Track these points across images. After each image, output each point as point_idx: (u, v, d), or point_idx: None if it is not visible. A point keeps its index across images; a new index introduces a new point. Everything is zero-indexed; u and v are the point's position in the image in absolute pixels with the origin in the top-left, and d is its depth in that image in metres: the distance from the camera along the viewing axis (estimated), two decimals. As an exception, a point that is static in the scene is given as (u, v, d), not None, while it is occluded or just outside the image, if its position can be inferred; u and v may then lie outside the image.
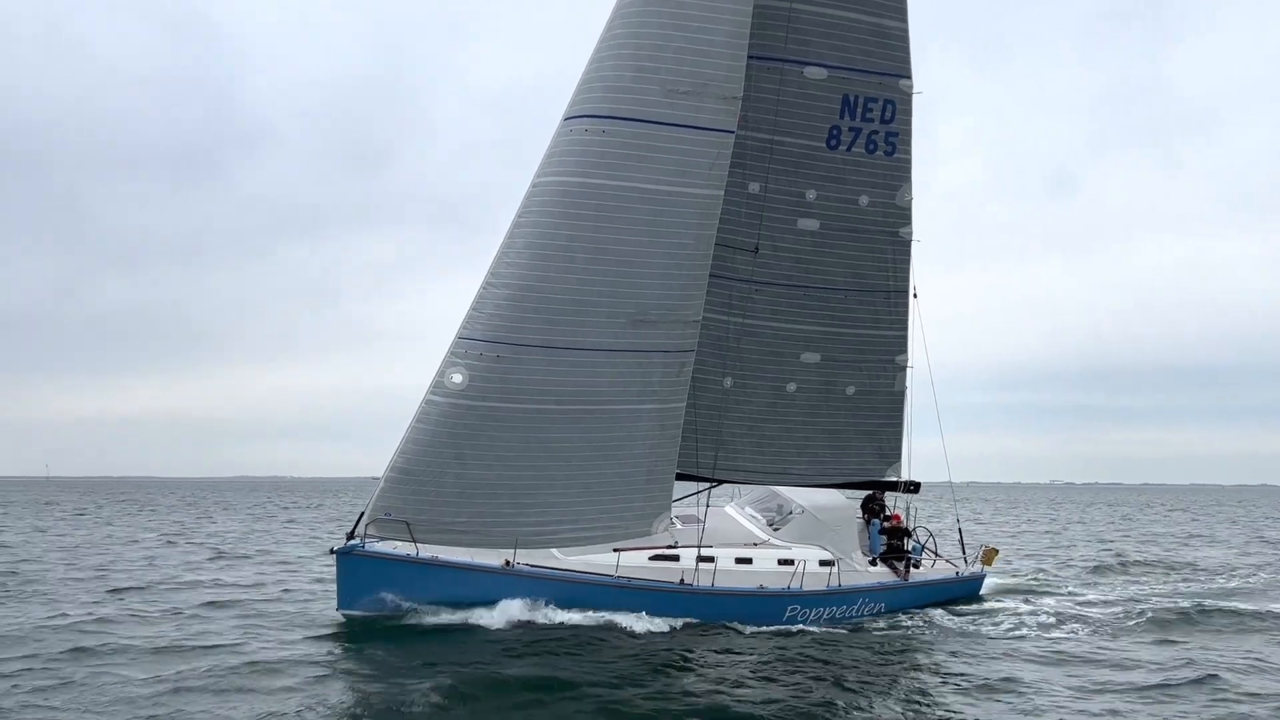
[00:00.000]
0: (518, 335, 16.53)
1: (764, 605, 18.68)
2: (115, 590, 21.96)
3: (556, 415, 16.94)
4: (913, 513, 23.36)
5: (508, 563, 17.65)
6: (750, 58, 17.39)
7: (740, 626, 17.94)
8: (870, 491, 22.26)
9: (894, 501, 22.74)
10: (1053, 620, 19.42)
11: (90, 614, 18.41)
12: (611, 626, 16.93)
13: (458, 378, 16.65)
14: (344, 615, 17.34)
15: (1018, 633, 18.27)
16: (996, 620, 19.36)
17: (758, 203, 18.41)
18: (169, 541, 38.00)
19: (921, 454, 22.92)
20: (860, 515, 22.90)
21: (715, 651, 15.90)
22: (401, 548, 17.25)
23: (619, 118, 16.23)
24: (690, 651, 15.80)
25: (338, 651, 15.33)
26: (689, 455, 19.22)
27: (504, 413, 16.74)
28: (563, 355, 16.71)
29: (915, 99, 18.74)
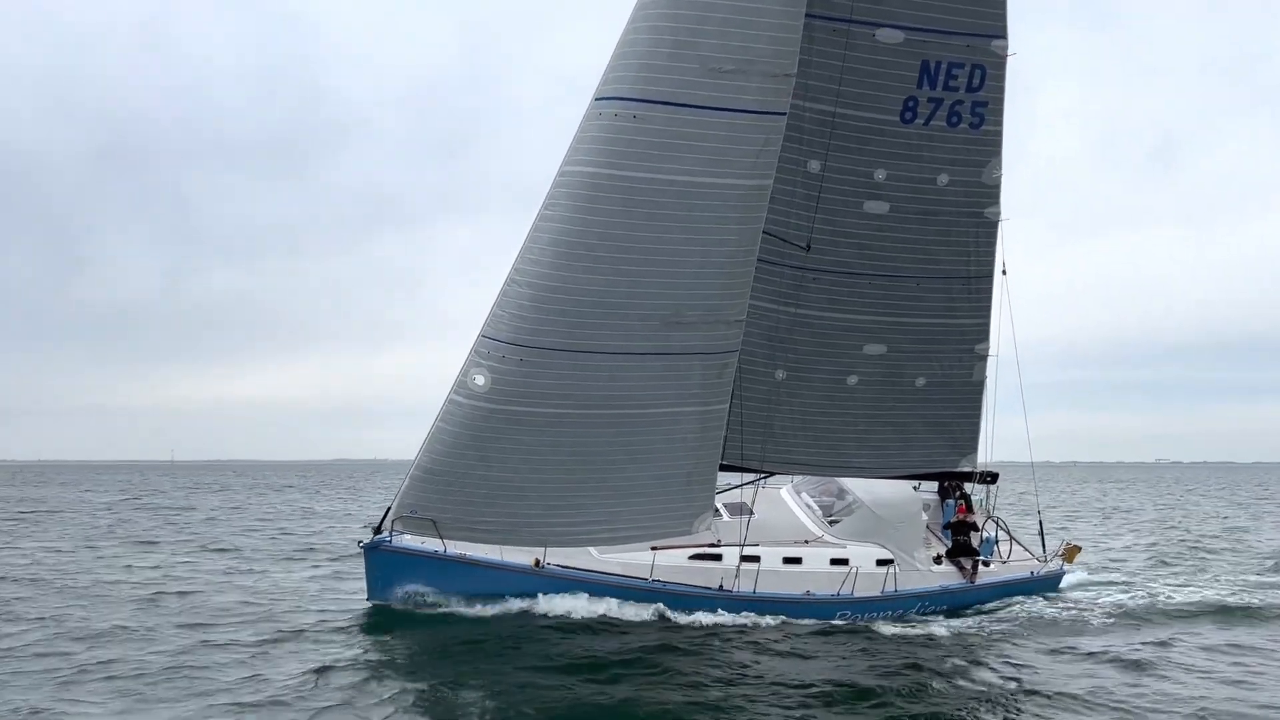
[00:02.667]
0: (542, 339, 15.32)
1: (810, 613, 17.59)
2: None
3: (584, 419, 15.84)
4: (991, 495, 21.65)
5: (538, 562, 17.03)
6: (811, 17, 15.12)
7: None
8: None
9: (970, 491, 21.11)
10: (1128, 619, 17.92)
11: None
12: (642, 620, 16.36)
13: (480, 379, 15.66)
14: (373, 605, 17.18)
15: (1083, 630, 16.92)
16: (1063, 615, 17.99)
17: (817, 183, 16.35)
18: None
19: (1012, 436, 21.17)
20: (936, 495, 21.45)
21: (749, 645, 15.18)
22: (430, 542, 16.82)
23: (652, 100, 14.35)
24: (726, 644, 15.14)
25: (362, 640, 15.34)
26: (740, 447, 17.96)
27: (528, 416, 15.73)
28: (590, 359, 15.45)
29: (1009, 61, 16.07)
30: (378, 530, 16.90)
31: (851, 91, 15.82)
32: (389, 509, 16.81)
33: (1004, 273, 18.50)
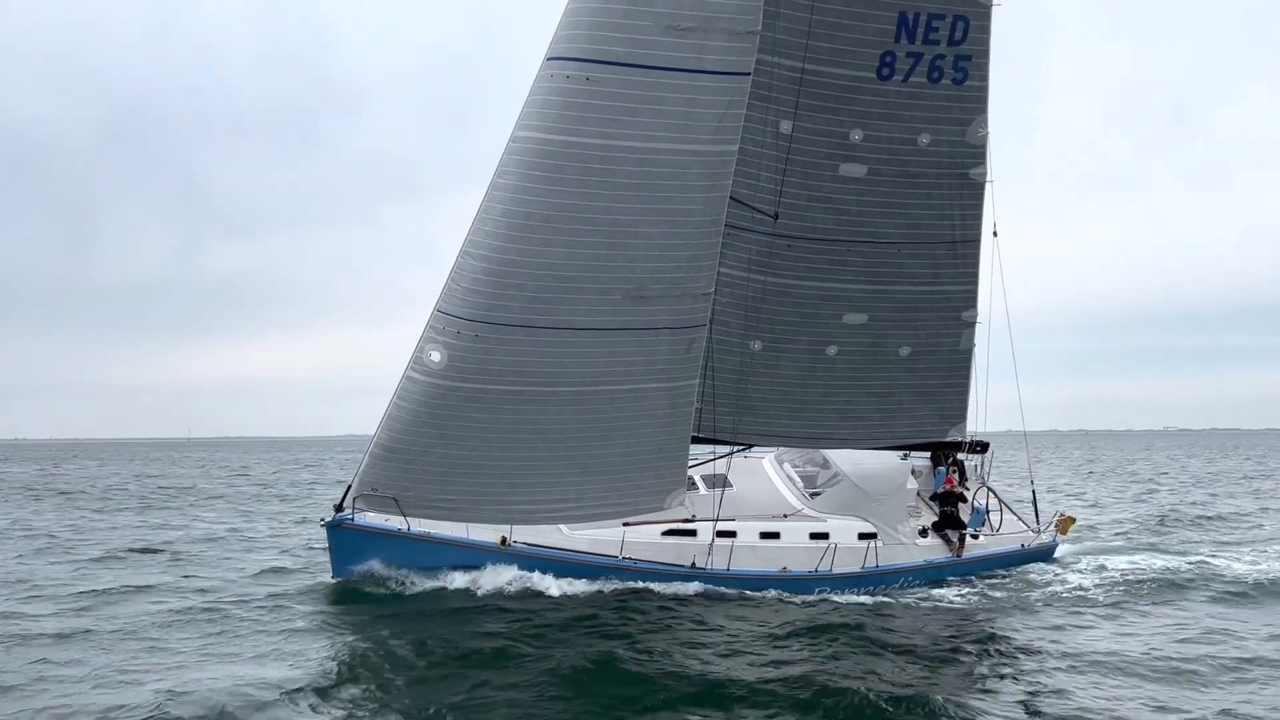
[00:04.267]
0: (498, 314, 14.67)
1: (787, 590, 17.07)
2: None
3: (546, 397, 15.26)
4: (985, 464, 20.98)
5: (504, 540, 16.61)
6: None
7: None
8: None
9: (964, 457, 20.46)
10: (1117, 585, 17.42)
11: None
12: (609, 593, 15.95)
13: (436, 356, 15.08)
14: (339, 582, 16.87)
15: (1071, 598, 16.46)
16: (1055, 586, 17.47)
17: (789, 145, 15.42)
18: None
19: (1019, 404, 20.46)
20: (929, 461, 20.83)
21: (719, 620, 14.76)
22: (394, 519, 16.43)
23: (606, 62, 13.48)
24: (698, 620, 14.71)
25: (329, 615, 15.13)
26: (715, 419, 17.36)
27: (487, 394, 15.16)
28: (550, 335, 14.81)
29: (997, 12, 14.98)
30: (339, 508, 16.52)
31: (823, 46, 14.82)
32: (349, 486, 16.41)
33: (995, 234, 17.61)
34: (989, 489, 20.63)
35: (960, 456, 20.50)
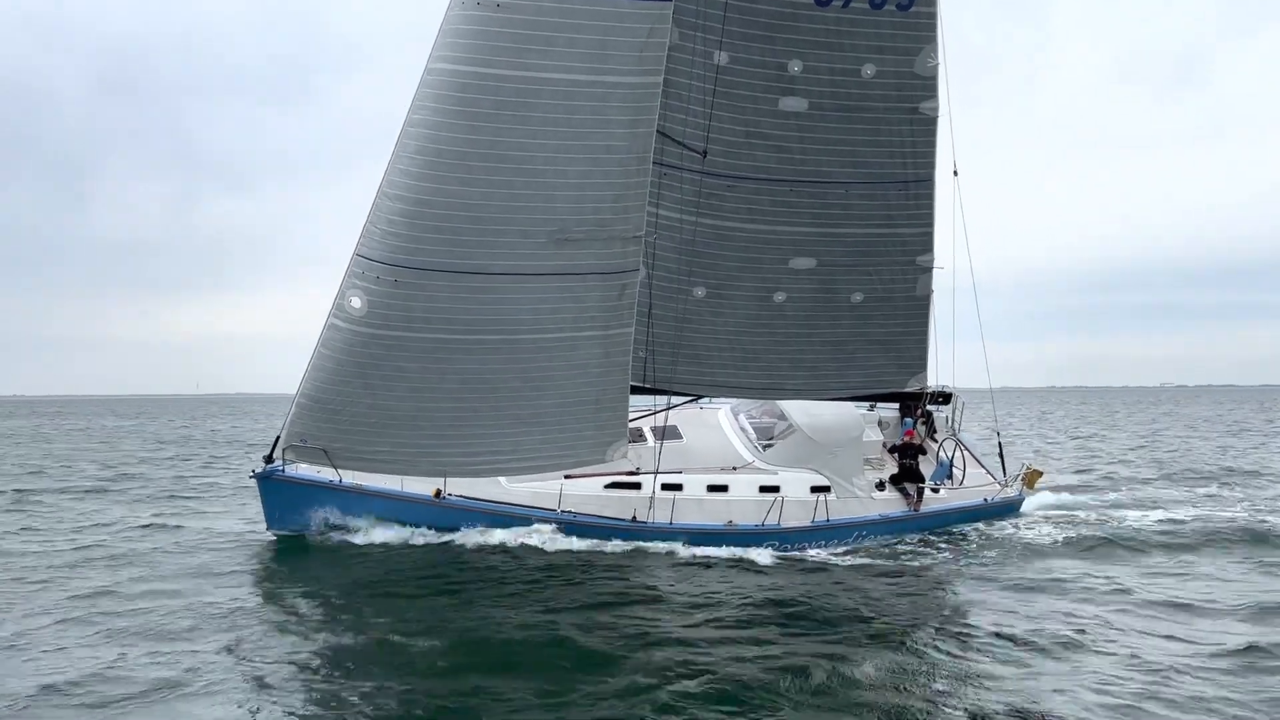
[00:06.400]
0: (417, 258, 14.07)
1: (733, 544, 16.54)
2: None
3: (471, 345, 14.68)
4: (955, 414, 20.25)
5: (438, 493, 16.17)
6: None
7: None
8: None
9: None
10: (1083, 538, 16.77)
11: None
12: (545, 546, 15.47)
13: (356, 302, 14.52)
14: (275, 535, 16.55)
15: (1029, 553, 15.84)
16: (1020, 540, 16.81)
17: (724, 78, 14.57)
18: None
19: (1017, 361, 19.78)
20: (898, 413, 20.19)
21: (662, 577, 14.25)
22: (326, 471, 16.03)
23: None
24: (622, 577, 14.18)
25: (265, 567, 14.82)
26: (657, 369, 16.75)
27: (410, 342, 14.61)
28: (473, 280, 14.20)
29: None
30: (269, 459, 16.13)
31: (757, -30, 13.93)
32: (278, 437, 16.00)
33: (955, 173, 16.75)
34: (958, 441, 19.94)
35: (929, 408, 19.84)
